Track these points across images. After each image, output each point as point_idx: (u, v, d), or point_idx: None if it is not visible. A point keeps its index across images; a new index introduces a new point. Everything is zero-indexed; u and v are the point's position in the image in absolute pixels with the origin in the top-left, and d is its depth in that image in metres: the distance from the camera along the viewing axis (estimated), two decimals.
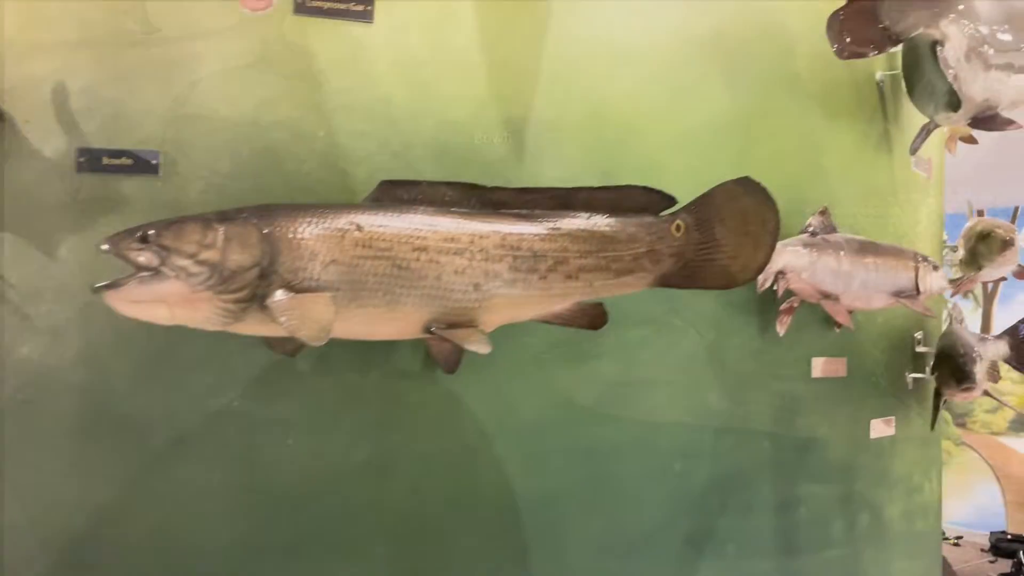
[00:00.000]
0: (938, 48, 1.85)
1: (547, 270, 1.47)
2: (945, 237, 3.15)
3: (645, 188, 1.51)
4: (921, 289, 1.98)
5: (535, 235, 1.46)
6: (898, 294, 1.95)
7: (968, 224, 3.13)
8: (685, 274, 1.50)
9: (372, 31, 1.62)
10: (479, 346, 1.39)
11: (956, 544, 8.72)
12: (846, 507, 2.14)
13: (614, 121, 1.78)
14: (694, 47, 1.88)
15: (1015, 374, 10.18)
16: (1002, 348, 2.62)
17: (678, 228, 1.50)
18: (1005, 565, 7.88)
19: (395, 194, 1.44)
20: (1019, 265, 3.06)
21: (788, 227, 1.96)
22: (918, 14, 1.74)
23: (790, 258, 1.77)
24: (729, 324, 1.91)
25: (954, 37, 1.88)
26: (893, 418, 2.32)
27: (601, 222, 1.49)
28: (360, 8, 1.62)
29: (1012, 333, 2.64)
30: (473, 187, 1.48)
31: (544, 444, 1.70)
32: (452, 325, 1.42)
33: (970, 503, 10.12)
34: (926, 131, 2.22)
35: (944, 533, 7.63)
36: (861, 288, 1.89)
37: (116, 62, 1.51)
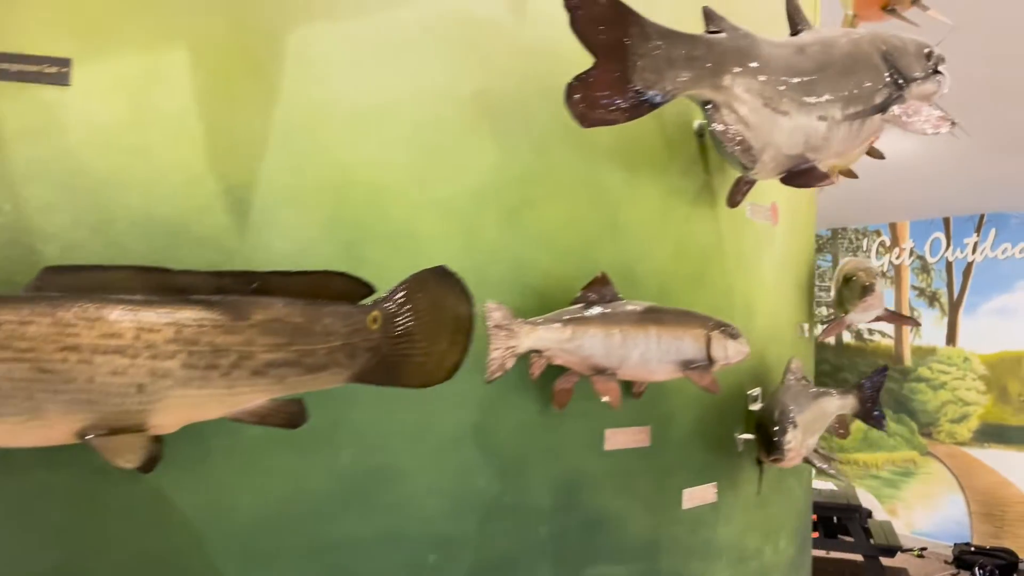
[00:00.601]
0: (709, 108, 1.73)
1: (230, 366, 1.33)
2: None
3: (343, 275, 1.38)
4: (714, 359, 1.85)
5: (218, 326, 1.32)
6: (686, 365, 1.82)
7: (840, 264, 3.02)
8: (382, 371, 1.36)
9: (68, 95, 1.48)
10: (127, 461, 1.25)
11: (920, 556, 8.67)
12: None
13: (360, 187, 1.65)
14: (457, 107, 1.74)
15: (981, 384, 10.13)
16: (850, 402, 2.51)
17: (374, 320, 1.36)
18: None
19: (59, 282, 1.30)
20: (885, 309, 2.96)
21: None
22: (678, 75, 1.61)
23: (544, 335, 1.64)
24: (503, 401, 1.77)
25: (741, 94, 1.75)
26: (715, 484, 2.19)
27: (295, 311, 1.36)
28: (54, 70, 1.48)
29: (860, 388, 2.52)
30: (155, 271, 1.34)
31: (269, 544, 1.56)
32: (116, 430, 1.29)
33: (935, 514, 10.10)
34: (744, 184, 2.10)
35: (902, 544, 7.57)
36: (641, 361, 1.76)
37: None
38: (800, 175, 1.98)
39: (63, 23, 1.48)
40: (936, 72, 2.20)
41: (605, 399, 1.73)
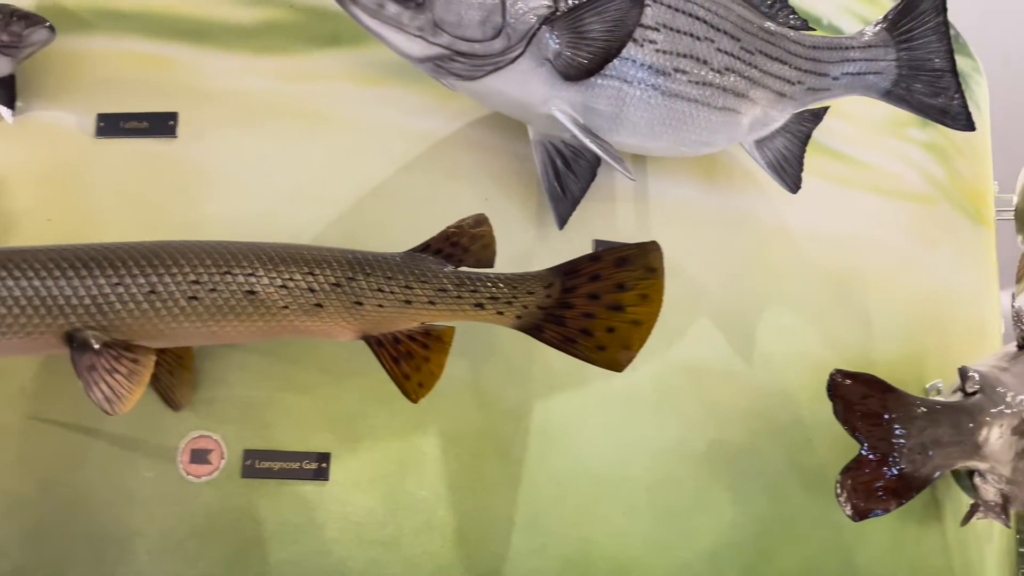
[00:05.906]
0: (976, 479, 1.62)
1: None
2: None
3: None
4: None
5: None
6: None
7: None
8: None
9: (326, 490, 1.48)
10: None
11: None
12: None
13: (602, 563, 1.58)
14: (691, 464, 1.68)
15: None
16: None
17: None
18: None
19: None
20: None
21: None
22: (945, 452, 1.52)
23: None
24: None
25: (996, 446, 1.64)
26: None
27: None
28: (314, 466, 1.49)
29: None
30: None
31: None
32: None
33: None
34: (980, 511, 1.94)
35: None
36: None
37: None
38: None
39: (321, 417, 1.51)
40: None
41: None
